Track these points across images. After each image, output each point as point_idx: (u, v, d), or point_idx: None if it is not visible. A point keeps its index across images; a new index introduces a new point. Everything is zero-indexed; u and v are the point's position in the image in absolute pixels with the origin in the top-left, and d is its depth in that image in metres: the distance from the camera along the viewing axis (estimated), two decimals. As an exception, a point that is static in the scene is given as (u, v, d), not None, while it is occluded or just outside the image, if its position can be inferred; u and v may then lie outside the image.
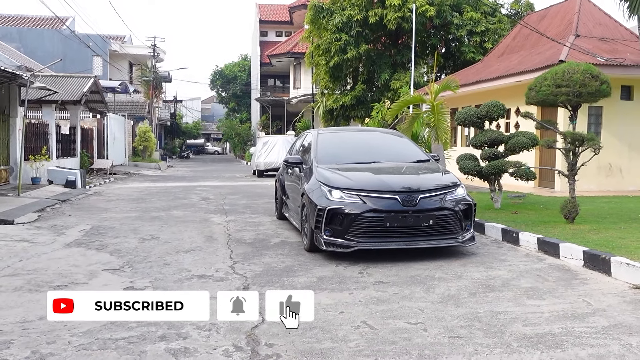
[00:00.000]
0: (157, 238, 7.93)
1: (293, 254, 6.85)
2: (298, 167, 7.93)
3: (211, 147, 73.14)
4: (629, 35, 15.59)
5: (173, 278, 5.62)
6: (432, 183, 6.66)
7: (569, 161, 7.73)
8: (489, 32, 22.45)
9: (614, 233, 7.20)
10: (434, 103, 11.70)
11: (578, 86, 7.16)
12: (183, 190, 15.91)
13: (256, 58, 47.84)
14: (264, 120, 43.38)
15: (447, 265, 6.18)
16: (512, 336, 3.92)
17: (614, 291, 5.10)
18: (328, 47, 22.75)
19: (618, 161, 13.99)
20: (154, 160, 31.70)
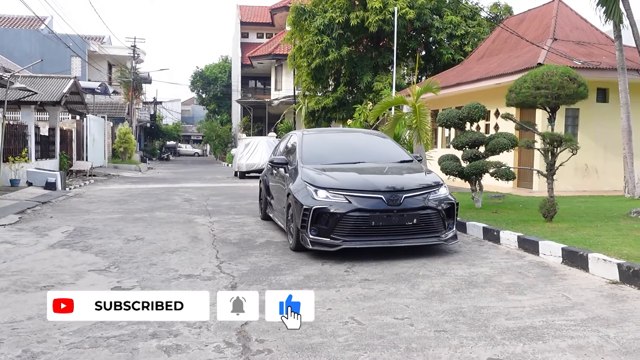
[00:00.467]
0: (142, 239, 7.93)
1: (279, 253, 6.92)
2: (283, 167, 7.99)
3: (185, 149, 72.32)
4: (605, 39, 15.97)
5: (160, 278, 5.65)
6: (416, 183, 6.79)
7: (548, 161, 7.93)
8: (469, 35, 22.76)
9: (590, 231, 7.41)
10: (415, 105, 11.87)
11: (557, 88, 7.35)
12: (165, 192, 15.85)
13: (237, 59, 47.76)
14: (245, 121, 43.34)
15: (431, 263, 6.31)
16: (496, 329, 4.05)
17: (592, 286, 5.27)
18: (310, 49, 22.87)
19: (594, 162, 14.32)
20: (134, 162, 31.46)
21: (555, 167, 7.93)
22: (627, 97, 11.91)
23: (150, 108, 50.86)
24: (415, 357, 3.55)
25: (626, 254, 5.82)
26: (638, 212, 8.69)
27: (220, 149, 48.44)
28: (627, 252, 5.91)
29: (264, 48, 42.78)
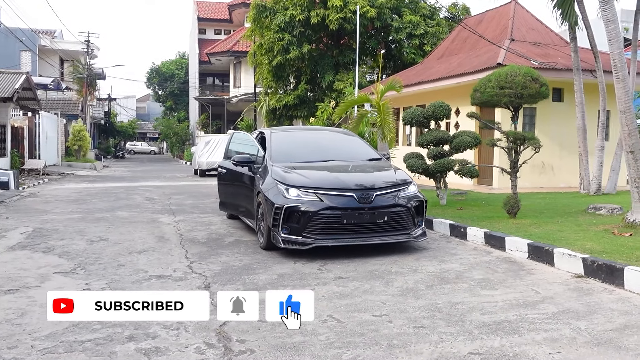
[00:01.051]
0: (106, 239, 7.73)
1: (249, 252, 6.87)
2: (248, 166, 7.84)
3: (141, 147, 70.70)
4: (559, 40, 16.49)
5: (130, 279, 5.51)
6: (386, 181, 6.85)
7: (511, 159, 8.14)
8: (428, 35, 23.12)
9: (553, 226, 7.65)
10: (380, 103, 12.00)
11: (520, 88, 7.56)
12: (124, 191, 15.49)
13: (195, 56, 47.07)
14: (203, 119, 42.79)
15: (402, 260, 6.38)
16: (472, 324, 4.13)
17: (558, 280, 5.44)
18: (271, 46, 22.76)
19: (550, 160, 14.76)
20: (89, 160, 30.60)
21: (518, 164, 8.14)
22: (582, 96, 12.33)
23: (105, 105, 49.53)
24: (398, 354, 3.59)
25: (589, 248, 6.04)
26: (595, 208, 9.02)
27: (178, 146, 47.68)
28: (589, 246, 6.13)
29: (222, 45, 42.31)
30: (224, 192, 9.11)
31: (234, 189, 8.55)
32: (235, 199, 8.55)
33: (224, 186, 9.03)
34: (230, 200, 8.85)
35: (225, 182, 8.97)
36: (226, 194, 9.00)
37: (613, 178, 12.23)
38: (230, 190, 8.80)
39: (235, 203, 8.59)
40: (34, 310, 4.47)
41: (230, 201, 8.83)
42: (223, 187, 9.11)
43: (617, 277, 5.14)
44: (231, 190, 8.75)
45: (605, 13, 6.81)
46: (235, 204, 8.66)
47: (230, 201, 8.83)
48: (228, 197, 8.92)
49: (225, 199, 9.10)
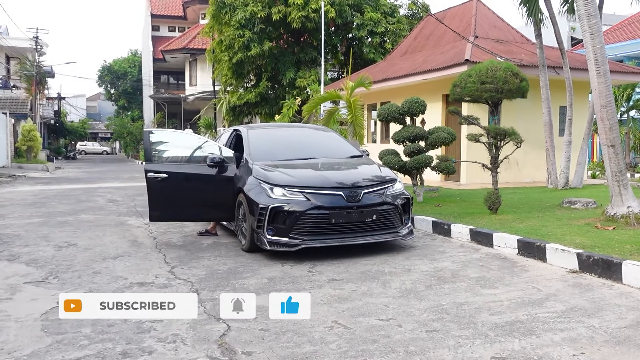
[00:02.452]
0: (75, 245, 7.25)
1: (232, 255, 6.56)
2: (219, 166, 7.15)
3: (92, 147, 68.51)
4: (520, 37, 16.74)
5: (110, 287, 5.13)
6: (373, 178, 6.67)
7: (492, 154, 8.11)
8: (389, 32, 23.12)
9: (535, 221, 7.64)
10: (350, 99, 11.84)
11: (501, 83, 7.52)
12: (84, 193, 14.80)
13: (148, 53, 45.86)
14: (159, 118, 41.73)
15: (392, 259, 6.21)
16: (485, 326, 3.98)
17: (555, 276, 5.37)
18: (231, 43, 22.28)
19: (515, 155, 14.83)
20: (41, 161, 29.31)
21: (498, 160, 8.12)
22: (547, 92, 12.50)
23: (54, 104, 47.70)
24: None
25: (579, 243, 6.01)
26: (570, 202, 9.10)
27: (132, 146, 46.45)
28: (579, 241, 6.11)
29: (177, 42, 41.35)
30: (167, 200, 7.15)
31: (193, 193, 7.21)
32: (193, 204, 7.24)
33: (168, 192, 7.11)
34: (181, 207, 7.24)
35: (168, 187, 7.08)
36: (173, 201, 7.18)
37: (579, 172, 12.46)
38: (183, 196, 7.21)
39: (193, 209, 7.28)
40: (10, 325, 4.06)
41: (183, 208, 7.24)
42: (165, 193, 7.10)
43: (615, 272, 5.10)
44: (185, 196, 7.22)
45: (587, 7, 6.82)
46: (192, 210, 7.30)
47: (183, 208, 7.24)
48: (177, 204, 7.21)
49: (169, 207, 7.21)
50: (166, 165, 7.14)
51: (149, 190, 7.07)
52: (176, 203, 7.17)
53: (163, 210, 7.18)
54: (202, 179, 7.16)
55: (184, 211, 7.28)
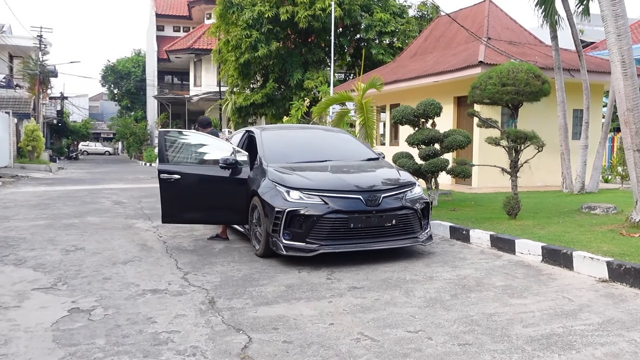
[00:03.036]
0: (83, 249, 7.05)
1: (246, 260, 6.35)
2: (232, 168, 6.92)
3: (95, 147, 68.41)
4: (533, 39, 16.51)
5: (122, 295, 4.93)
6: (392, 182, 6.45)
7: (512, 158, 7.90)
8: (398, 32, 22.95)
9: (556, 228, 7.42)
10: (362, 101, 11.64)
11: (523, 85, 7.31)
12: (89, 194, 14.60)
13: (152, 53, 45.71)
14: (163, 118, 41.60)
15: (412, 266, 5.99)
16: (520, 339, 3.76)
17: (585, 286, 5.15)
18: (238, 43, 22.12)
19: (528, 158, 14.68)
20: (44, 161, 29.14)
21: (519, 164, 7.91)
22: (563, 95, 12.28)
23: (57, 104, 47.58)
24: (455, 378, 3.18)
25: (606, 251, 5.79)
26: (589, 207, 8.88)
27: (136, 147, 46.23)
28: (606, 249, 5.89)
29: (182, 42, 41.21)
30: (180, 201, 7.01)
31: (206, 195, 7.02)
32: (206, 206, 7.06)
33: (181, 194, 6.97)
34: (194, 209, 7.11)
35: (182, 189, 6.94)
36: (186, 203, 7.03)
37: (595, 177, 12.23)
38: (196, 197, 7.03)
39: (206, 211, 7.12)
40: (19, 336, 3.86)
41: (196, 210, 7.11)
42: (178, 195, 6.96)
43: (649, 282, 4.88)
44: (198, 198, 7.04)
45: (615, 8, 6.61)
46: (205, 212, 7.15)
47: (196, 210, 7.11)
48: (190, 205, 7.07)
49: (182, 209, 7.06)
50: (179, 166, 6.96)
51: (162, 191, 6.93)
52: (189, 205, 7.02)
53: (176, 212, 7.04)
54: (216, 181, 6.96)
55: (197, 213, 7.11)
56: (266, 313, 4.38)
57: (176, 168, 6.90)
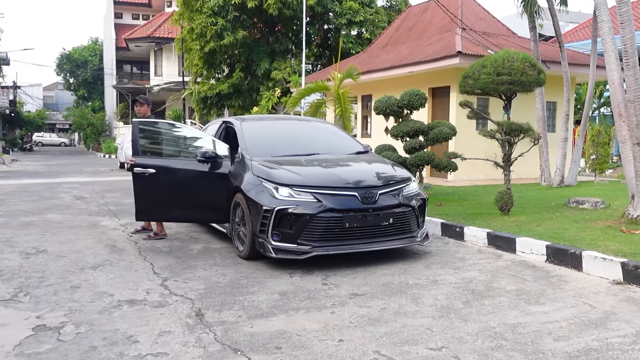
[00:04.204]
0: (45, 251, 6.36)
1: (229, 263, 5.80)
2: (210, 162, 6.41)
3: (50, 138, 65.98)
4: (506, 31, 16.34)
5: (94, 307, 4.32)
6: (388, 177, 6.00)
7: (505, 152, 7.58)
8: (367, 23, 22.50)
9: (551, 224, 7.12)
10: (339, 92, 11.16)
11: (519, 75, 6.95)
12: (47, 189, 13.67)
13: (110, 41, 44.08)
14: (122, 109, 40.15)
15: (411, 268, 5.56)
16: (556, 356, 3.37)
17: (600, 289, 4.82)
18: (203, 31, 21.25)
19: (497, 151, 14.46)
20: (-4, 153, 27.67)
21: (511, 157, 7.59)
22: (542, 87, 12.06)
23: (10, 93, 45.40)
24: (499, 409, 2.75)
25: (615, 250, 5.49)
26: (577, 202, 8.66)
27: (94, 138, 44.62)
28: (614, 247, 5.59)
29: (141, 30, 39.81)
30: (155, 197, 6.46)
31: (183, 191, 6.48)
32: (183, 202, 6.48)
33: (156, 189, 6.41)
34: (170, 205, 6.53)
35: (156, 185, 6.38)
36: (162, 199, 6.48)
37: (574, 170, 12.10)
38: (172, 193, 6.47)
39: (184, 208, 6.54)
40: (-24, 364, 3.24)
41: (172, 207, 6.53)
42: (153, 190, 6.40)
43: (670, 285, 4.59)
44: (175, 194, 6.47)
45: (617, -5, 6.32)
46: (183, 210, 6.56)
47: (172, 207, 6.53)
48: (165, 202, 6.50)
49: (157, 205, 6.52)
50: (154, 159, 6.34)
51: (136, 186, 6.30)
52: (165, 201, 6.43)
53: (150, 208, 6.44)
54: (194, 176, 6.38)
55: (173, 210, 6.52)
56: (264, 328, 3.87)
57: (151, 161, 6.28)
